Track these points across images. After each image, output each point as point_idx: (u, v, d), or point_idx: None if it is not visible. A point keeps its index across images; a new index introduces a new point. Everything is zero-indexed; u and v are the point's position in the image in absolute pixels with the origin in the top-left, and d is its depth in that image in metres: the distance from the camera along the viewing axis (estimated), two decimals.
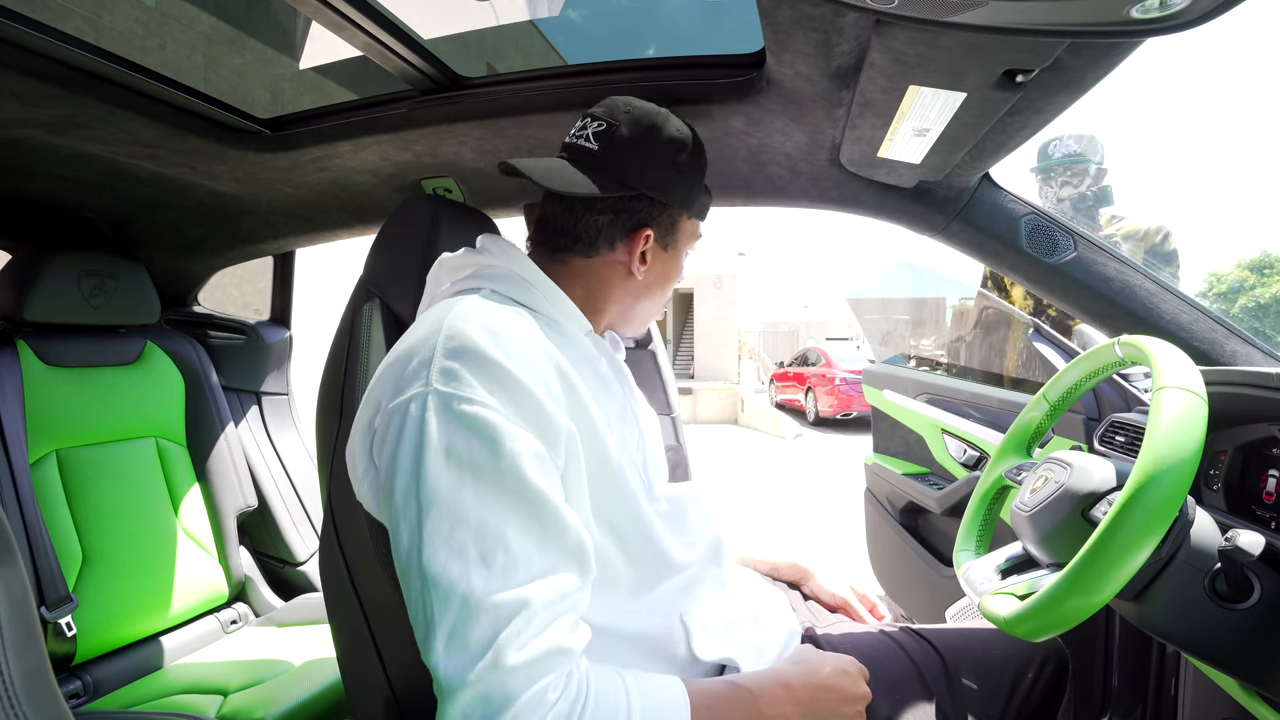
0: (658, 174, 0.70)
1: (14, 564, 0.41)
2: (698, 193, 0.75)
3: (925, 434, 1.74)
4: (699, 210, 0.77)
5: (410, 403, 0.54)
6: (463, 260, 0.70)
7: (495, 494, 0.52)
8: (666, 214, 0.72)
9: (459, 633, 0.49)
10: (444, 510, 0.51)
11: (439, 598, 0.49)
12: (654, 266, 0.74)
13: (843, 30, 0.65)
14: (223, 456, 1.50)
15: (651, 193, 0.70)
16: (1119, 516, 0.54)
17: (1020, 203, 0.98)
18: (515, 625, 0.49)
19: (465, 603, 0.49)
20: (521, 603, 0.50)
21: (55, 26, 0.83)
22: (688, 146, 0.72)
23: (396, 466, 0.53)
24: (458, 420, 0.52)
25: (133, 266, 1.39)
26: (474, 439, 0.52)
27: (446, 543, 0.50)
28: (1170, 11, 0.45)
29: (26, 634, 0.41)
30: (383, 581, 0.71)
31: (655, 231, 0.72)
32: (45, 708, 0.41)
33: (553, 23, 1.31)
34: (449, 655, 0.49)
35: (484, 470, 0.52)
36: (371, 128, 1.05)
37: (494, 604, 0.49)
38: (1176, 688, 0.99)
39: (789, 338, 20.60)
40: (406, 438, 0.53)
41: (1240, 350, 0.90)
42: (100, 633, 1.21)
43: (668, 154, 0.70)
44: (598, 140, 0.69)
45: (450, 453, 0.52)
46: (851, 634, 0.82)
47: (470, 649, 0.48)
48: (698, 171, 0.74)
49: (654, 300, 0.77)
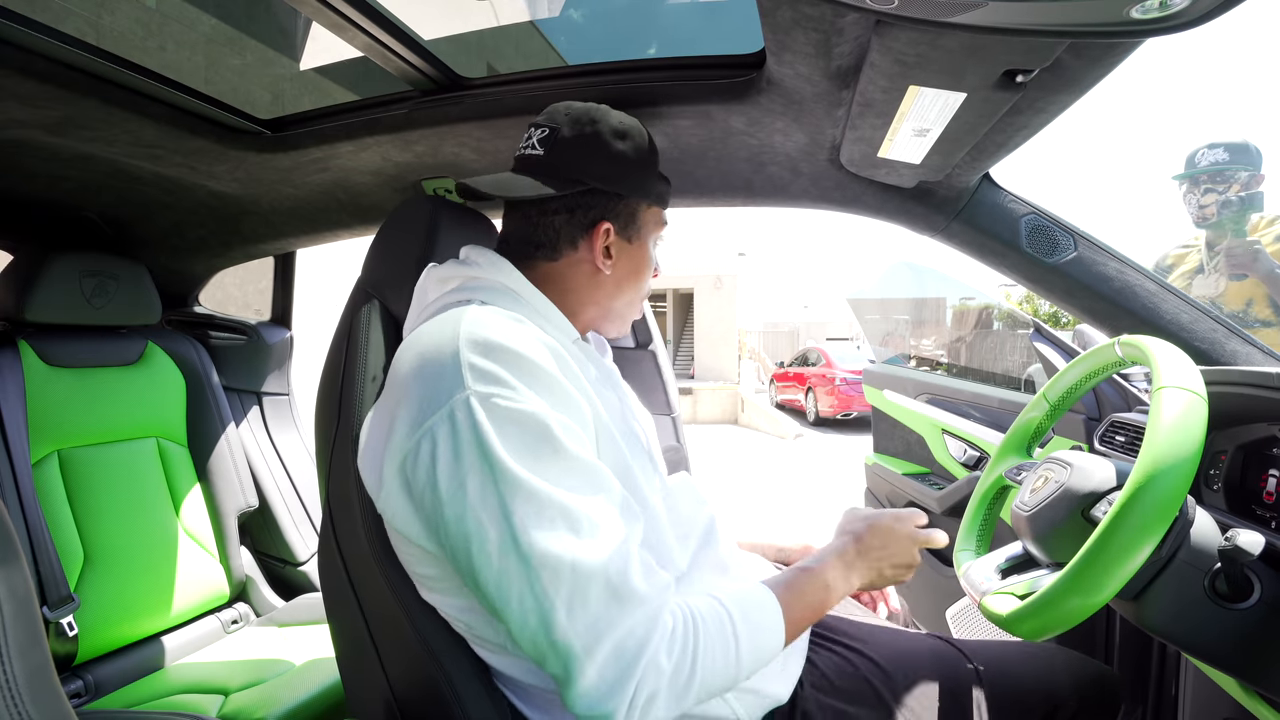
0: (603, 166, 0.71)
1: (17, 564, 0.41)
2: (651, 180, 0.75)
3: (925, 434, 1.74)
4: (657, 198, 0.77)
5: (454, 410, 0.55)
6: (449, 272, 0.71)
7: (559, 472, 0.55)
8: (623, 205, 0.73)
9: (578, 597, 0.52)
10: (526, 496, 0.53)
11: (548, 574, 0.52)
12: (621, 260, 0.74)
13: (843, 30, 0.65)
14: (224, 457, 1.50)
15: (600, 184, 0.71)
16: (1119, 516, 0.54)
17: (1020, 203, 0.98)
18: (623, 572, 0.54)
19: (575, 569, 0.52)
20: (620, 554, 0.54)
21: (56, 28, 0.83)
22: (631, 136, 0.73)
23: (465, 472, 0.54)
24: (505, 416, 0.55)
25: (134, 267, 1.39)
26: (525, 430, 0.55)
27: (539, 525, 0.53)
28: (1170, 11, 0.45)
29: (30, 633, 0.41)
30: (381, 582, 0.71)
31: (614, 224, 0.73)
32: (49, 707, 0.41)
33: (553, 23, 1.31)
34: (574, 621, 0.52)
35: (543, 455, 0.55)
36: (372, 128, 1.05)
37: (600, 562, 0.53)
38: (1177, 688, 0.99)
39: (789, 338, 20.59)
40: (465, 443, 0.54)
41: (1241, 350, 0.90)
42: (102, 632, 1.21)
43: (610, 144, 0.71)
44: (542, 145, 0.71)
45: (509, 445, 0.54)
46: (876, 633, 0.82)
47: (593, 606, 0.52)
48: (646, 159, 0.74)
49: (630, 295, 0.78)
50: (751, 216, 16.35)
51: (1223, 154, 2.13)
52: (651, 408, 1.19)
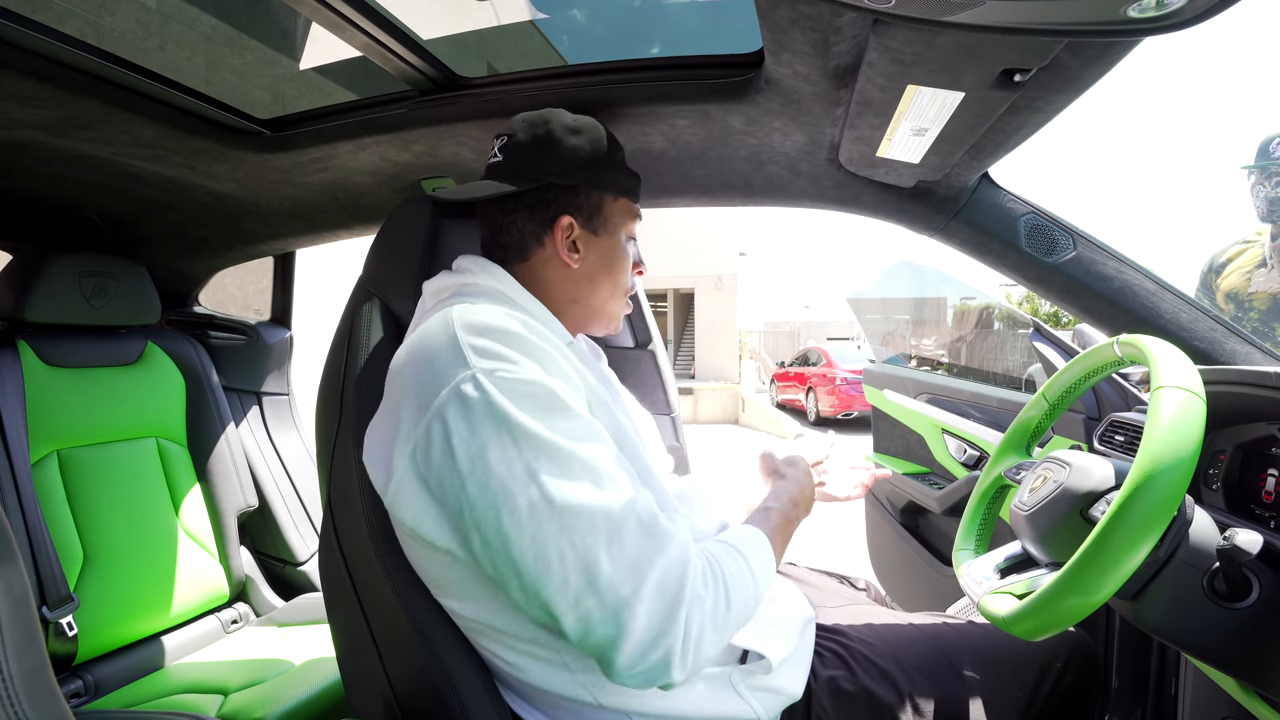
0: (558, 161, 0.73)
1: (14, 563, 0.41)
2: (613, 172, 0.76)
3: (925, 434, 1.74)
4: (620, 188, 0.77)
5: (460, 387, 0.56)
6: (444, 282, 0.72)
7: (574, 433, 0.57)
8: (584, 198, 0.74)
9: (615, 540, 0.54)
10: (549, 454, 0.54)
11: (585, 523, 0.53)
12: (589, 253, 0.75)
13: (840, 30, 0.65)
14: (223, 456, 1.50)
15: (556, 179, 0.72)
16: (1117, 515, 0.54)
17: (1019, 202, 0.98)
18: (650, 513, 0.56)
19: (609, 514, 0.54)
20: (642, 499, 0.57)
21: (56, 28, 0.83)
22: (584, 131, 0.75)
23: (483, 442, 0.55)
24: (512, 387, 0.56)
25: (133, 267, 1.39)
26: (532, 399, 0.56)
27: (568, 479, 0.54)
28: (1167, 10, 0.45)
29: (26, 633, 0.41)
30: (382, 581, 0.71)
31: (576, 218, 0.74)
32: (45, 706, 0.41)
33: (553, 23, 1.31)
34: (615, 562, 0.53)
35: (555, 418, 0.56)
36: (371, 128, 1.05)
37: (629, 505, 0.55)
38: (1176, 687, 0.99)
39: (790, 338, 20.59)
40: (479, 416, 0.55)
41: (1240, 349, 0.90)
42: (101, 632, 1.22)
43: (564, 141, 0.73)
44: (502, 153, 0.74)
45: (523, 409, 0.55)
46: (873, 624, 0.84)
47: (630, 546, 0.54)
48: (604, 153, 0.75)
49: (607, 290, 0.78)
50: (752, 216, 16.36)
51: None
52: (651, 407, 1.19)
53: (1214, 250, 2.29)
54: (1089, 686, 0.83)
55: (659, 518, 0.57)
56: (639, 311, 1.25)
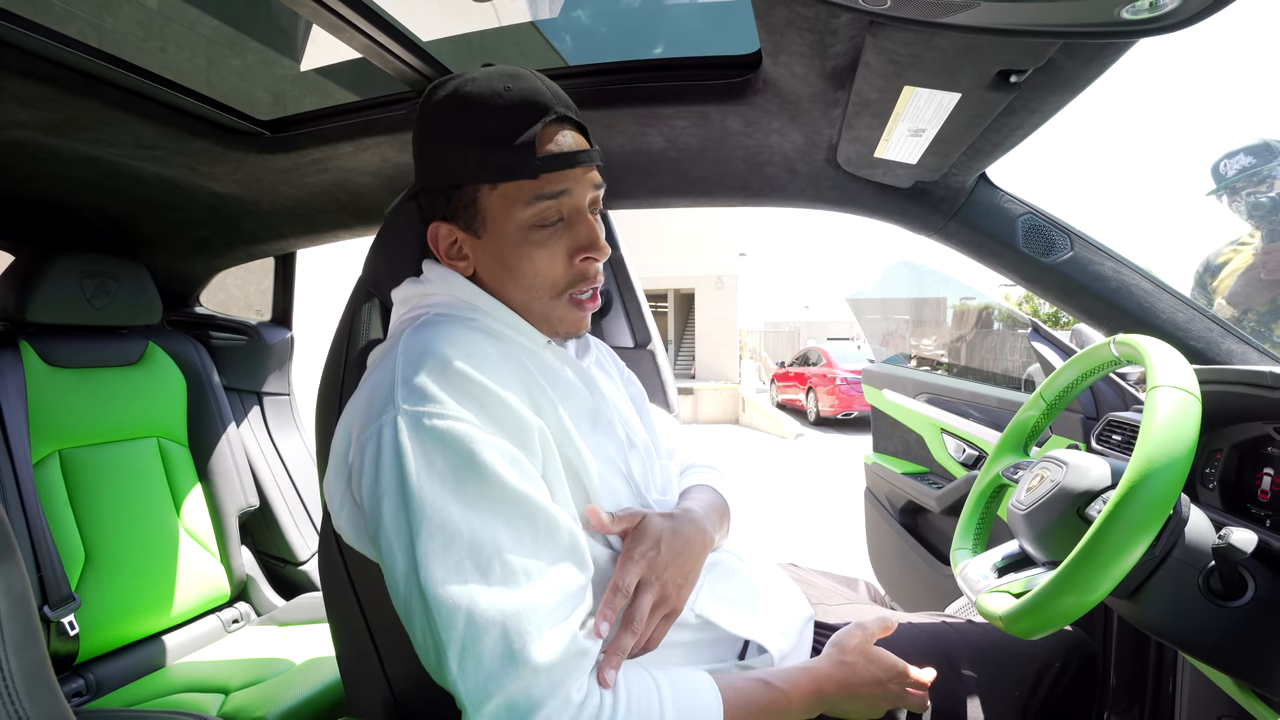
0: (424, 163, 0.66)
1: (14, 562, 0.42)
2: (495, 153, 0.61)
3: (925, 433, 1.74)
4: (500, 172, 0.61)
5: (382, 428, 0.53)
6: (407, 292, 0.69)
7: (481, 505, 0.52)
8: (456, 199, 0.64)
9: (470, 648, 0.49)
10: (434, 528, 0.50)
11: (443, 617, 0.49)
12: (479, 257, 0.66)
13: (837, 31, 0.65)
14: (224, 456, 1.51)
15: (424, 184, 0.67)
16: (1113, 514, 0.54)
17: (1017, 203, 0.98)
18: (526, 631, 0.49)
19: (471, 617, 0.49)
20: (528, 608, 0.50)
21: (57, 30, 0.83)
22: (433, 126, 0.64)
23: (381, 493, 0.53)
24: (430, 436, 0.52)
25: (135, 267, 1.40)
26: (450, 453, 0.52)
27: (442, 561, 0.50)
28: (1161, 12, 0.46)
29: (27, 631, 0.41)
30: (380, 581, 0.71)
31: (454, 222, 0.65)
32: (45, 704, 0.41)
33: (553, 23, 1.31)
34: (464, 673, 0.49)
35: (466, 482, 0.52)
36: (371, 129, 1.05)
37: (500, 613, 0.49)
38: (1174, 686, 0.99)
39: (790, 338, 20.58)
40: (385, 463, 0.53)
41: (1236, 349, 0.91)
42: (103, 632, 1.22)
43: (420, 145, 0.66)
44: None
45: (431, 470, 0.52)
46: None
47: (485, 662, 0.48)
48: (470, 141, 0.62)
49: (521, 293, 0.65)
50: (752, 216, 16.35)
51: (1246, 159, 2.10)
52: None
53: (1209, 252, 2.31)
54: (1087, 685, 0.83)
55: (532, 644, 0.49)
56: (639, 311, 1.26)
